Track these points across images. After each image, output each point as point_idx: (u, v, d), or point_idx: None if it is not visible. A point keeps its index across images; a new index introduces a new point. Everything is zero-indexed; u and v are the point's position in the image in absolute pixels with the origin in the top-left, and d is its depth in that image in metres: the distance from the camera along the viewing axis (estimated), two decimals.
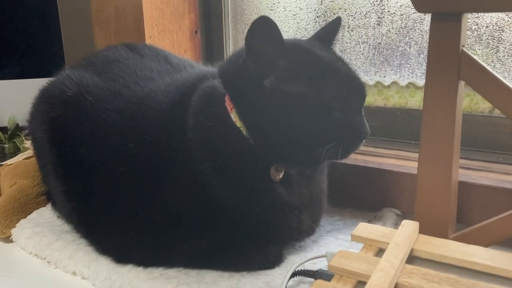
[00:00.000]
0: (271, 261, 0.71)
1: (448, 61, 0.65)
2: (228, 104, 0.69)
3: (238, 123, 0.68)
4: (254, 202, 0.68)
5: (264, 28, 0.63)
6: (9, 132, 1.17)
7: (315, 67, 0.66)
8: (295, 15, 1.16)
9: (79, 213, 0.78)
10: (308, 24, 1.14)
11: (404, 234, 0.61)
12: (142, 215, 0.70)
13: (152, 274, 0.69)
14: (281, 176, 0.70)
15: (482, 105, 0.94)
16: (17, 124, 1.17)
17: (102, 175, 0.73)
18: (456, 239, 0.67)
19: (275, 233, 0.71)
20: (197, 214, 0.69)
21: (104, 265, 0.72)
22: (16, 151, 1.14)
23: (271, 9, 1.18)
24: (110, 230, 0.73)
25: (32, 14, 1.30)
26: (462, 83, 0.67)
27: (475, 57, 0.64)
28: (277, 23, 0.62)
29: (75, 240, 0.80)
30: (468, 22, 0.91)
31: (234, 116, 0.68)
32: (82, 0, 1.19)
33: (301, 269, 0.65)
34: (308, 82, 0.65)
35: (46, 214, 0.92)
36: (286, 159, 0.68)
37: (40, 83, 0.85)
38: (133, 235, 0.72)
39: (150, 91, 0.76)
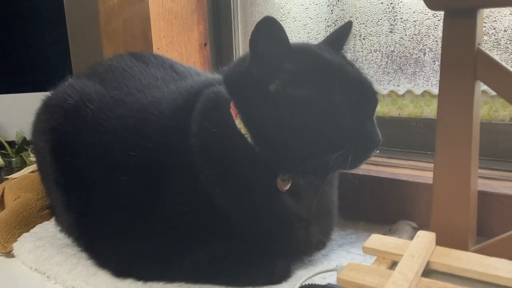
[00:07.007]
0: (277, 275, 0.67)
1: (463, 60, 0.61)
2: (233, 110, 0.66)
3: (243, 130, 0.65)
4: (259, 213, 0.65)
5: (268, 29, 0.60)
6: (16, 146, 1.16)
7: (324, 70, 0.63)
8: (305, 25, 1.13)
9: (79, 225, 0.75)
10: (318, 34, 1.12)
11: (419, 245, 0.56)
12: (141, 226, 0.67)
13: None
14: (288, 187, 0.66)
15: (502, 112, 0.90)
16: (24, 138, 1.16)
17: (102, 185, 0.71)
18: (477, 251, 0.62)
19: (282, 246, 0.67)
20: (199, 225, 0.66)
21: (103, 280, 0.69)
22: (23, 165, 1.13)
23: (281, 20, 1.16)
24: (109, 242, 0.71)
25: (40, 28, 1.31)
26: (479, 84, 0.62)
27: (493, 55, 0.60)
28: (286, 33, 0.60)
29: (76, 254, 0.78)
30: (485, 27, 0.87)
31: (239, 123, 0.65)
32: (91, 13, 1.19)
33: (309, 284, 0.62)
34: (315, 86, 0.62)
35: (49, 228, 0.90)
36: (292, 167, 0.65)
37: None
38: (132, 247, 0.68)
39: (154, 98, 0.74)
